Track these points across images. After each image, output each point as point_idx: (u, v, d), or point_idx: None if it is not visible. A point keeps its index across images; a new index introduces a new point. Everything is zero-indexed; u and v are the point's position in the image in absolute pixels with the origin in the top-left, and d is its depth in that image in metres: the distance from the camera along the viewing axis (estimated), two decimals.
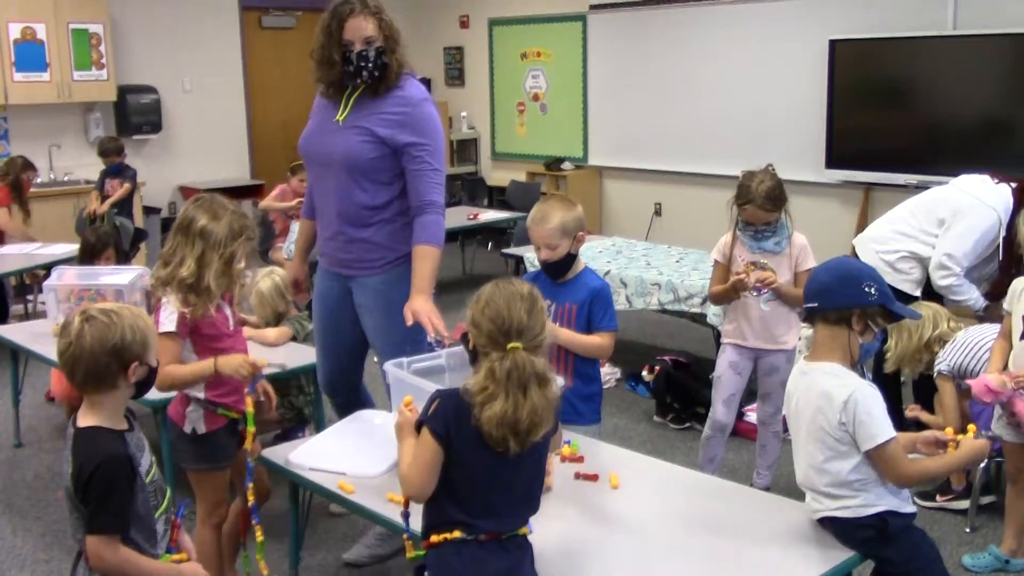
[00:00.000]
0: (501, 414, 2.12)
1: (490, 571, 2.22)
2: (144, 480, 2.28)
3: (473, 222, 8.13)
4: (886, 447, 2.45)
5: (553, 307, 3.29)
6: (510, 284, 2.28)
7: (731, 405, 4.02)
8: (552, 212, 3.26)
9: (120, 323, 2.25)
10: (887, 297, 2.55)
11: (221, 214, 2.95)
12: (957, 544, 3.83)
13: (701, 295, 5.24)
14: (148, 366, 2.31)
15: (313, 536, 3.73)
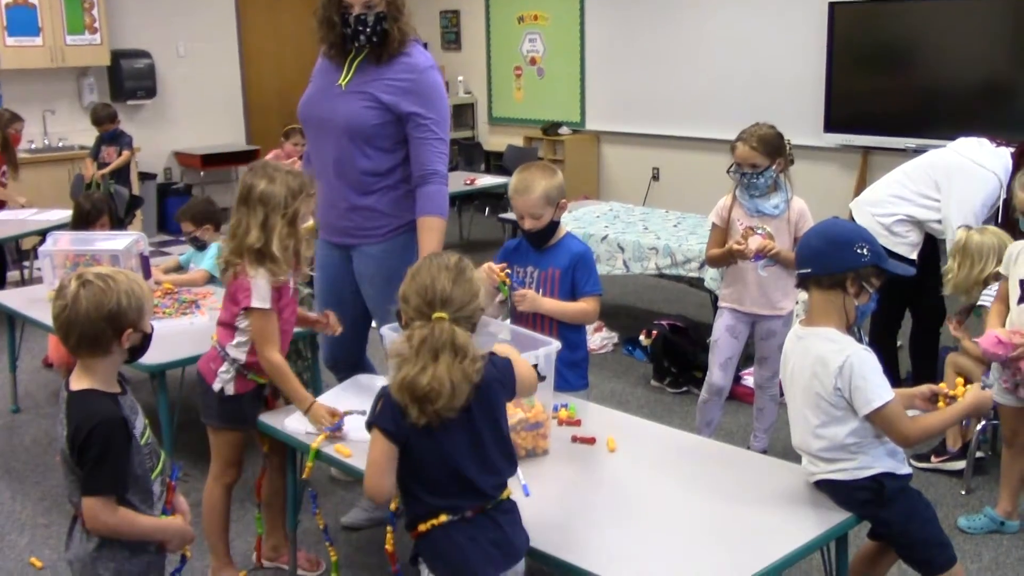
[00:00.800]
0: (402, 379, 2.14)
1: (485, 545, 2.23)
2: (139, 442, 2.28)
3: (470, 187, 8.10)
4: (884, 409, 2.45)
5: (536, 273, 3.29)
6: (439, 256, 2.30)
7: (727, 369, 4.03)
8: (535, 181, 3.21)
9: (116, 288, 2.23)
10: (879, 256, 2.54)
11: (276, 176, 2.94)
12: (952, 506, 3.85)
13: (699, 259, 5.24)
14: (142, 332, 2.30)
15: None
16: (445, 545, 2.23)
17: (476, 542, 2.23)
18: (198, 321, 4.16)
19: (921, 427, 2.52)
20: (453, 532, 2.22)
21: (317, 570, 3.40)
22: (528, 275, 3.30)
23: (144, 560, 2.30)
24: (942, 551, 2.56)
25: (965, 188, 4.23)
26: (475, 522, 2.24)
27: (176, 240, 8.95)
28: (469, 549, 2.22)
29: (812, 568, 3.29)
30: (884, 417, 2.46)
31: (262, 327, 2.94)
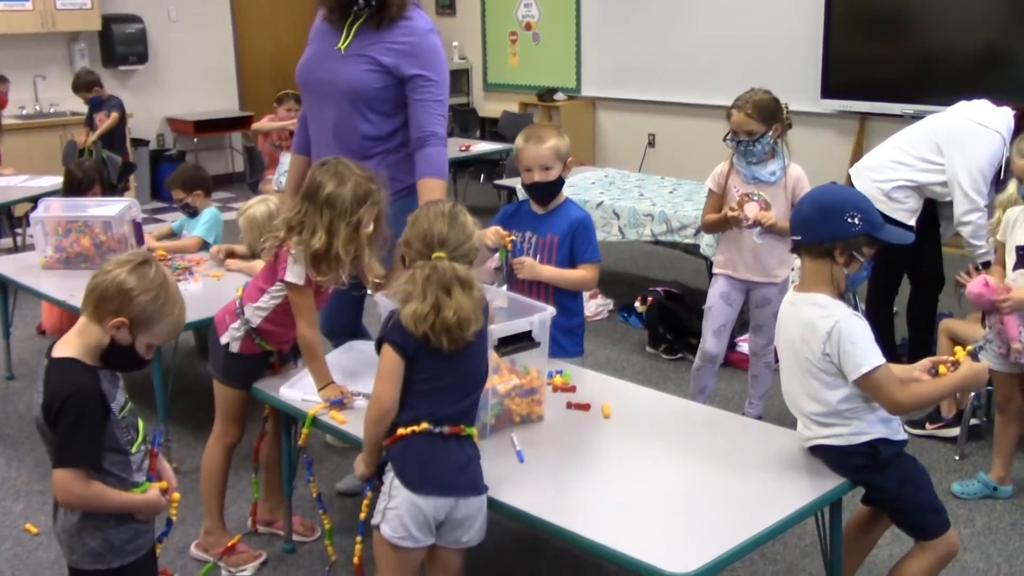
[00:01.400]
0: (414, 312, 2.34)
1: (450, 463, 2.40)
2: (117, 416, 2.24)
3: (465, 153, 8.05)
4: (873, 375, 2.43)
5: (534, 239, 3.28)
6: (434, 204, 2.56)
7: (721, 336, 4.02)
8: (547, 134, 3.27)
9: (159, 285, 2.21)
10: (872, 225, 2.49)
11: (347, 178, 2.88)
12: (946, 472, 3.87)
13: (694, 226, 5.22)
14: (132, 339, 2.23)
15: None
16: (418, 451, 2.40)
17: (443, 459, 2.39)
18: (191, 288, 4.14)
19: (913, 394, 2.51)
20: (428, 443, 2.39)
21: (312, 535, 3.42)
22: (526, 240, 3.29)
23: (131, 527, 2.28)
24: (936, 516, 2.57)
25: (971, 149, 4.18)
26: (449, 442, 2.40)
27: (169, 207, 8.90)
28: (438, 461, 2.39)
29: (806, 533, 3.32)
30: (873, 383, 2.44)
31: (297, 302, 2.95)
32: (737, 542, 2.21)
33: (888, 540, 3.02)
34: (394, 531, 2.38)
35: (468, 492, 2.40)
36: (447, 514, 2.39)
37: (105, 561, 2.25)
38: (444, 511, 2.38)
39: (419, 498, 2.36)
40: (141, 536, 2.31)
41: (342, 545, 3.27)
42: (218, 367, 3.16)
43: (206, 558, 3.27)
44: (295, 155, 3.76)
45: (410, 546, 2.39)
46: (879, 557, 3.08)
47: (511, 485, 2.49)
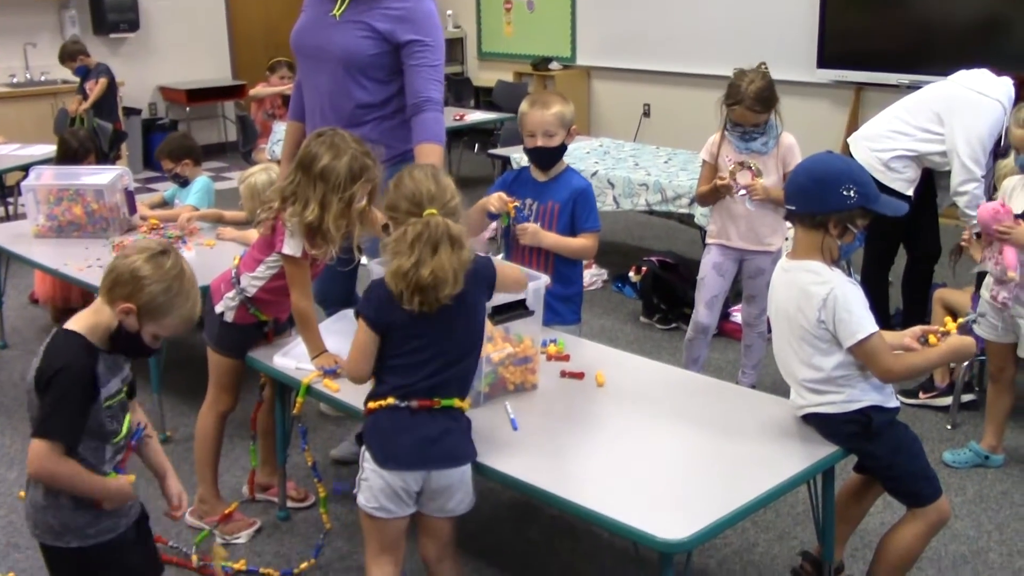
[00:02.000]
0: (397, 268, 2.31)
1: (417, 436, 2.37)
2: (102, 402, 2.20)
3: (459, 123, 8.02)
4: (867, 342, 2.43)
5: (535, 206, 3.27)
6: (413, 167, 2.53)
7: (713, 307, 4.02)
8: (552, 100, 3.26)
9: (174, 277, 2.20)
10: (868, 197, 2.47)
11: (343, 151, 2.82)
12: (938, 441, 3.88)
13: (689, 196, 5.21)
14: (139, 327, 2.21)
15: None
16: (383, 427, 2.41)
17: (408, 432, 2.38)
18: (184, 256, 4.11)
19: (904, 364, 2.51)
20: (394, 417, 2.39)
21: (306, 502, 3.43)
22: (527, 207, 3.27)
23: (89, 513, 2.23)
24: (928, 484, 2.58)
25: (970, 118, 4.15)
26: (418, 415, 2.38)
27: (162, 176, 8.85)
28: (403, 436, 2.37)
29: (798, 501, 3.33)
30: (867, 350, 2.44)
31: (292, 273, 2.94)
32: (729, 509, 2.22)
33: (880, 508, 3.04)
34: (367, 502, 2.41)
35: (441, 464, 2.38)
36: (423, 485, 2.40)
37: (64, 540, 2.24)
38: (416, 483, 2.39)
39: (385, 472, 2.37)
40: (102, 522, 2.25)
41: (337, 513, 3.29)
42: (212, 335, 3.16)
43: (201, 526, 3.28)
44: (291, 122, 3.74)
45: (384, 516, 2.40)
46: (871, 525, 3.10)
47: (505, 453, 2.50)
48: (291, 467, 3.41)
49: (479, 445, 2.47)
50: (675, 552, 2.15)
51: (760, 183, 3.75)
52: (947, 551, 3.17)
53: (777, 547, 3.20)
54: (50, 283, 5.11)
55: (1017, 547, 3.20)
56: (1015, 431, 3.92)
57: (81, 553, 2.25)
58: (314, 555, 3.11)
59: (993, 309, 3.54)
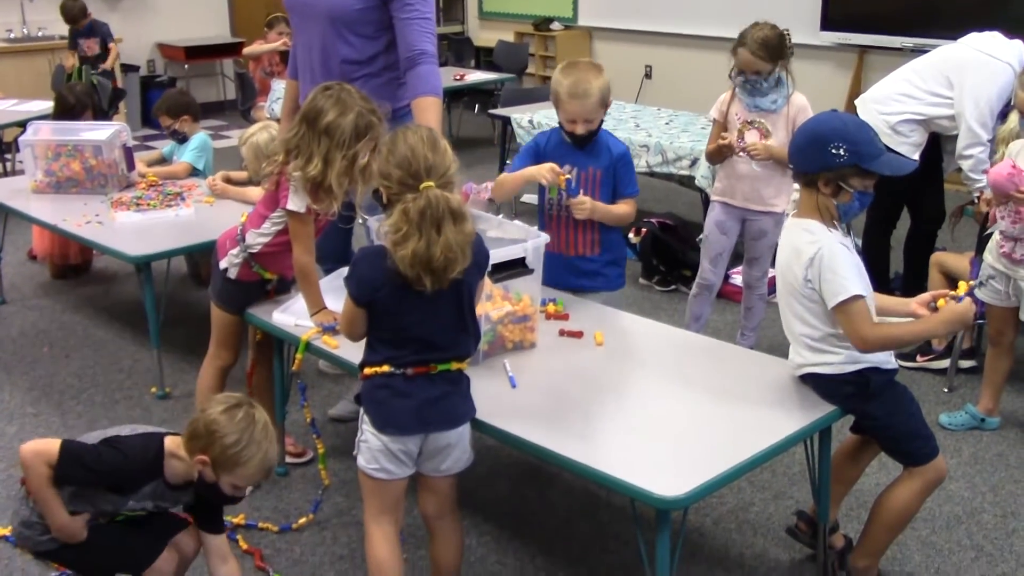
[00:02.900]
0: (413, 253, 2.20)
1: (415, 401, 2.35)
2: (122, 506, 2.33)
3: (459, 83, 7.97)
4: (847, 305, 2.41)
5: (575, 172, 3.16)
6: (408, 129, 2.34)
7: (718, 264, 4.02)
8: (590, 83, 3.08)
9: (243, 429, 2.26)
10: (860, 156, 2.42)
11: (349, 108, 2.78)
12: (935, 403, 3.90)
13: (690, 157, 5.18)
14: (217, 478, 2.29)
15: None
16: (380, 393, 2.37)
17: (408, 398, 2.35)
18: (184, 213, 4.12)
19: (883, 334, 2.46)
20: (391, 383, 2.36)
21: (304, 457, 3.45)
22: (568, 173, 3.17)
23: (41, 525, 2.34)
24: (924, 443, 2.59)
25: (980, 81, 4.12)
26: (413, 380, 2.35)
27: (160, 134, 8.80)
28: (398, 402, 2.35)
29: (794, 462, 3.35)
30: (847, 313, 2.42)
31: (296, 229, 2.93)
32: (726, 467, 2.23)
33: (875, 469, 3.06)
34: (367, 463, 2.40)
35: (439, 427, 2.38)
36: (421, 447, 2.40)
37: (24, 537, 2.37)
38: (415, 446, 2.39)
39: (383, 436, 2.37)
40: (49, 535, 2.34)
41: (335, 469, 3.30)
42: (215, 291, 3.17)
43: None
44: (290, 79, 3.71)
45: (384, 478, 2.40)
46: (866, 486, 3.12)
47: (503, 410, 2.50)
48: (290, 424, 3.42)
49: (477, 402, 2.47)
50: (671, 509, 2.16)
51: (762, 142, 3.73)
52: (941, 512, 3.19)
53: (773, 506, 3.22)
54: (49, 239, 5.10)
55: (1011, 508, 3.22)
56: (1012, 394, 3.93)
57: (47, 554, 2.38)
58: (312, 510, 3.13)
59: (999, 273, 3.53)
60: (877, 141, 2.49)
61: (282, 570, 2.89)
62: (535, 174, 3.10)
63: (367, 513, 2.46)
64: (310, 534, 3.08)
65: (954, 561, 2.96)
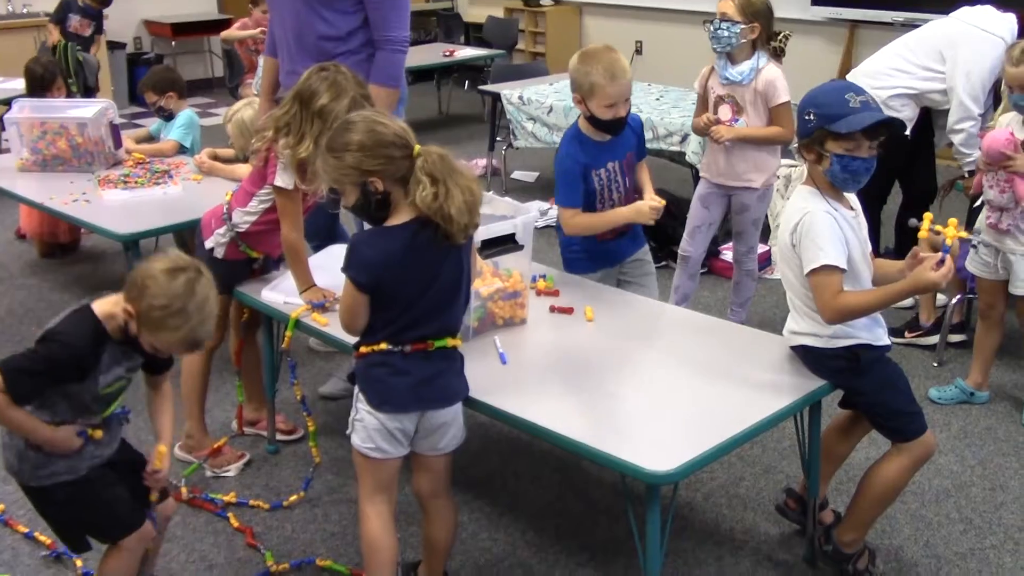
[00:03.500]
0: (464, 203, 2.21)
1: (413, 379, 2.33)
2: (98, 389, 2.23)
3: (449, 59, 7.92)
4: (817, 274, 2.41)
5: (616, 165, 3.11)
6: (356, 115, 2.31)
7: (695, 236, 4.01)
8: (622, 63, 3.00)
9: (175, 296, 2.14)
10: (825, 118, 2.41)
11: (345, 92, 2.77)
12: (925, 378, 3.91)
13: (680, 133, 5.17)
14: (139, 333, 2.18)
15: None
16: (377, 371, 2.35)
17: (403, 375, 2.33)
18: (171, 191, 4.09)
19: (848, 304, 2.42)
20: (388, 361, 2.33)
21: (294, 434, 3.44)
22: (611, 172, 3.11)
23: (41, 456, 2.26)
24: (913, 419, 2.59)
25: (972, 55, 4.10)
26: (411, 358, 2.33)
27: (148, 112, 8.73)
28: (396, 380, 2.33)
29: (784, 437, 3.36)
30: (817, 282, 2.42)
31: (284, 205, 2.91)
32: (717, 442, 2.23)
33: (864, 444, 3.05)
34: (363, 442, 2.38)
35: (435, 404, 2.38)
36: (417, 425, 2.39)
37: (23, 478, 2.29)
38: (412, 424, 2.38)
39: (381, 414, 2.35)
40: (54, 464, 2.26)
41: (326, 447, 3.30)
42: None
43: (190, 459, 3.29)
44: (267, 57, 3.68)
45: (380, 457, 2.38)
46: (855, 460, 3.12)
47: (493, 387, 2.50)
48: (280, 401, 3.41)
49: (469, 379, 2.47)
50: (662, 484, 2.17)
51: (723, 128, 3.73)
52: (931, 485, 3.20)
53: (763, 481, 3.23)
54: (37, 218, 5.07)
55: (999, 481, 3.24)
56: (1001, 368, 3.94)
57: (43, 492, 2.29)
58: (303, 488, 3.13)
59: (987, 247, 3.53)
60: (851, 101, 2.41)
61: (273, 547, 2.89)
62: (636, 217, 3.09)
63: (361, 492, 2.45)
64: (301, 511, 3.08)
65: (943, 534, 2.97)
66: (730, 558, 2.86)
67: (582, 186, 3.07)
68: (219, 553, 2.88)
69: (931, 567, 2.82)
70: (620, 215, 3.11)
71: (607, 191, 3.11)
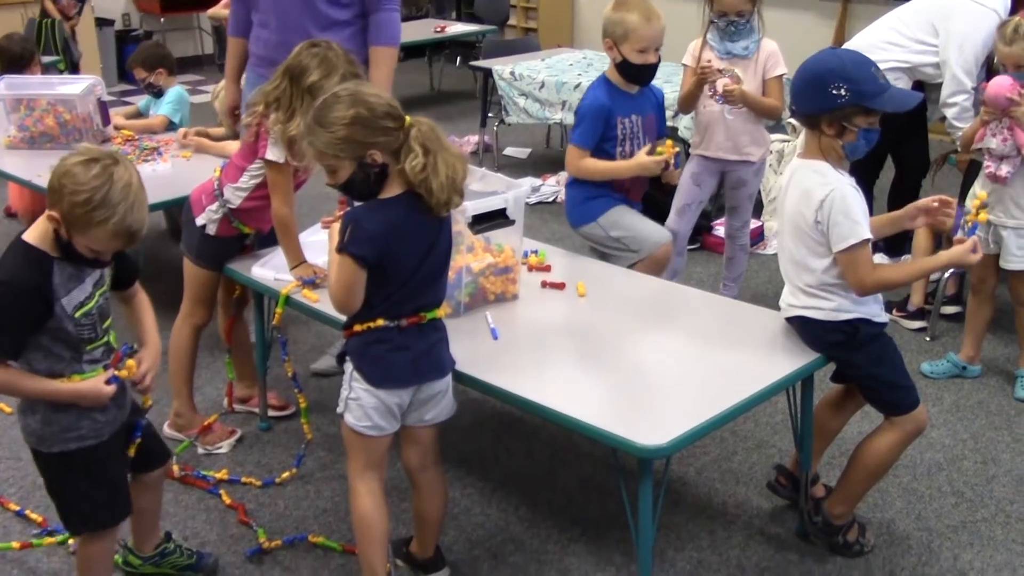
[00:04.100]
0: (446, 177, 2.21)
1: (411, 354, 2.33)
2: (68, 312, 2.11)
3: (440, 35, 7.87)
4: (855, 250, 2.41)
5: (639, 120, 3.24)
6: (343, 89, 2.27)
7: (684, 214, 3.99)
8: (658, 10, 3.23)
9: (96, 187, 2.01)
10: (862, 95, 2.39)
11: (335, 69, 2.74)
12: (917, 352, 3.91)
13: (672, 108, 5.13)
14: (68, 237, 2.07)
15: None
16: (374, 348, 2.33)
17: (403, 350, 2.32)
18: (160, 168, 4.07)
19: (883, 278, 2.47)
20: (385, 337, 2.32)
21: (287, 410, 3.43)
22: (633, 123, 3.24)
23: (72, 414, 2.19)
24: (906, 394, 2.59)
25: (964, 29, 4.07)
26: (407, 332, 2.32)
27: (136, 89, 8.68)
28: (396, 356, 2.32)
29: (777, 412, 3.37)
30: (853, 257, 2.41)
31: (275, 179, 2.89)
32: (708, 416, 2.23)
33: (857, 419, 3.05)
34: (358, 420, 2.36)
35: (430, 377, 2.37)
36: (411, 399, 2.38)
37: (46, 444, 2.21)
38: (407, 398, 2.37)
39: (380, 391, 2.33)
40: (83, 425, 2.21)
41: (317, 424, 3.29)
42: (191, 247, 3.11)
43: (180, 437, 3.28)
44: (232, 37, 3.64)
45: (375, 435, 2.37)
46: (847, 435, 3.12)
47: (485, 362, 2.50)
48: (272, 378, 3.40)
49: (460, 355, 2.46)
50: (654, 458, 2.16)
51: (738, 87, 3.70)
52: (923, 459, 3.21)
53: (755, 456, 3.23)
54: (28, 196, 5.01)
55: (991, 455, 3.25)
56: (993, 342, 3.95)
57: (64, 458, 2.22)
58: (295, 465, 3.12)
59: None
60: (879, 76, 2.43)
61: (266, 524, 2.89)
62: (639, 170, 3.21)
63: (352, 469, 2.44)
64: (293, 488, 3.07)
65: (934, 507, 2.98)
66: (722, 532, 2.86)
67: (601, 129, 3.19)
68: (211, 530, 2.88)
69: (922, 540, 2.83)
70: (625, 167, 3.25)
71: (628, 142, 3.19)
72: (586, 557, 2.76)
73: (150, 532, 2.60)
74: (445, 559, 2.67)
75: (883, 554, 2.76)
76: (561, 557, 2.76)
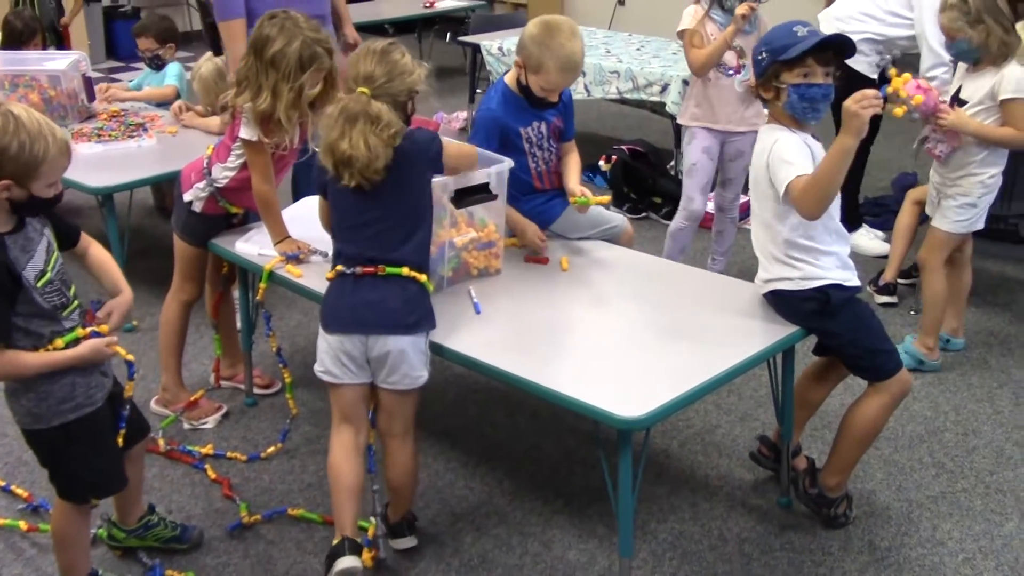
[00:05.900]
0: (327, 145, 2.39)
1: (356, 300, 2.42)
2: (33, 283, 2.13)
3: (429, 10, 7.84)
4: (795, 183, 2.41)
5: (544, 127, 3.06)
6: (370, 43, 2.48)
7: (707, 193, 3.98)
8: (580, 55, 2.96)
9: (15, 132, 2.03)
10: (775, 51, 2.48)
11: (294, 37, 2.73)
12: (901, 325, 3.93)
13: (660, 83, 5.13)
14: (27, 191, 2.09)
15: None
16: (331, 293, 2.48)
17: (351, 297, 2.43)
18: (146, 144, 4.06)
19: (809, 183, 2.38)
20: (341, 284, 2.46)
21: (272, 387, 3.45)
22: (536, 131, 3.05)
23: (68, 383, 2.21)
24: (889, 357, 2.60)
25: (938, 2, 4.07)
26: (361, 281, 2.42)
27: (125, 67, 8.66)
28: (344, 300, 2.43)
29: (760, 385, 3.38)
30: (795, 189, 2.41)
31: (252, 157, 2.90)
32: (686, 388, 2.24)
33: (840, 390, 3.08)
34: (318, 365, 2.48)
35: (379, 330, 2.39)
36: (365, 352, 2.41)
37: (44, 420, 2.22)
38: (357, 349, 2.41)
39: (328, 335, 2.43)
40: (78, 394, 2.23)
41: (303, 398, 3.31)
42: (179, 223, 3.12)
43: (167, 412, 3.29)
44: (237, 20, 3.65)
45: (332, 381, 2.46)
46: (830, 407, 3.15)
47: (468, 336, 2.51)
48: (257, 355, 3.41)
49: (443, 329, 2.47)
50: (632, 429, 2.18)
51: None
52: (904, 431, 3.23)
53: (738, 428, 3.25)
54: None
55: (972, 427, 3.27)
56: (975, 315, 3.97)
57: (64, 430, 2.23)
58: (280, 439, 3.14)
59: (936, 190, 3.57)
60: (798, 32, 2.48)
61: (250, 499, 2.90)
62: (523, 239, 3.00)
63: (332, 425, 2.53)
64: (278, 463, 3.09)
65: (915, 478, 3.00)
66: (705, 504, 2.88)
67: (496, 141, 2.96)
68: (196, 504, 2.90)
69: (903, 511, 2.85)
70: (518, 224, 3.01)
71: (539, 151, 3.07)
72: (569, 529, 2.78)
73: (133, 505, 2.62)
74: (415, 529, 2.69)
75: (863, 525, 2.79)
76: (544, 529, 2.78)
